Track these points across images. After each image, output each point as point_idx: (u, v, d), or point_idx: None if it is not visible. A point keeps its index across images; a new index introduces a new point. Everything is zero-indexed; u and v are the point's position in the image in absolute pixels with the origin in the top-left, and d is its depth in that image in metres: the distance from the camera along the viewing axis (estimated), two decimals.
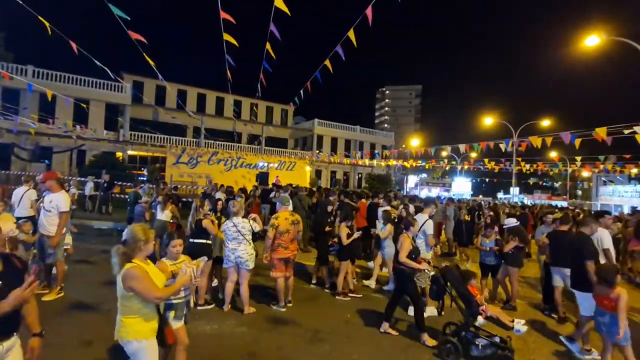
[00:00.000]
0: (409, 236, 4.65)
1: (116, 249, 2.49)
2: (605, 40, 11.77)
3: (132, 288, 2.39)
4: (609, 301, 3.54)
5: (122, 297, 2.46)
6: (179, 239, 3.37)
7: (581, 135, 9.93)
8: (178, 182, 17.53)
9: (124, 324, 2.45)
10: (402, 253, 4.50)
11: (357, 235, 5.96)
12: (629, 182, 27.53)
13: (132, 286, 2.38)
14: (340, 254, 5.84)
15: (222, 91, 30.85)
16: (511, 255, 5.82)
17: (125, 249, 2.49)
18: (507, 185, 30.40)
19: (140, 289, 2.40)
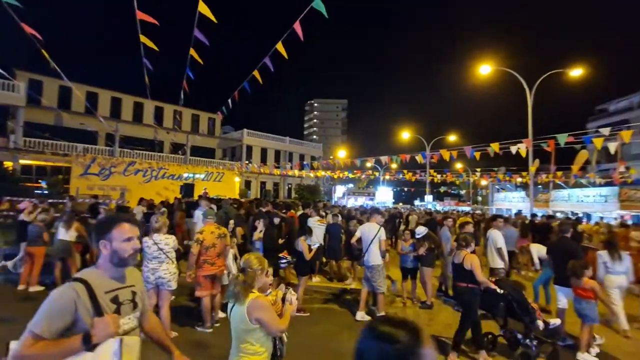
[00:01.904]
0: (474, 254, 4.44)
1: (235, 278, 2.29)
2: (494, 69, 13.92)
3: (259, 319, 2.17)
4: (583, 291, 4.38)
5: (245, 331, 2.18)
6: None
7: (479, 149, 11.53)
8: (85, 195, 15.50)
9: None
10: (479, 272, 4.24)
11: (315, 249, 5.97)
12: (515, 189, 32.67)
13: (260, 317, 2.17)
14: (300, 268, 5.75)
15: (141, 96, 28.44)
16: (425, 257, 6.42)
17: (246, 278, 2.27)
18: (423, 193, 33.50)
19: (268, 320, 2.18)
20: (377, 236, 5.61)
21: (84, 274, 1.60)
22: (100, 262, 1.66)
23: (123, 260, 1.65)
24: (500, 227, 6.84)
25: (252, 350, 2.21)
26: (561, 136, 9.63)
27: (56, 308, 1.45)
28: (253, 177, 32.79)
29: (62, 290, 1.49)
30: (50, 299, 1.47)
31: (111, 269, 1.65)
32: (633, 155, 29.53)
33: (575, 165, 17.45)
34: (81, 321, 1.46)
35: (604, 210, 17.07)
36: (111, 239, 1.64)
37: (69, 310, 1.45)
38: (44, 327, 1.41)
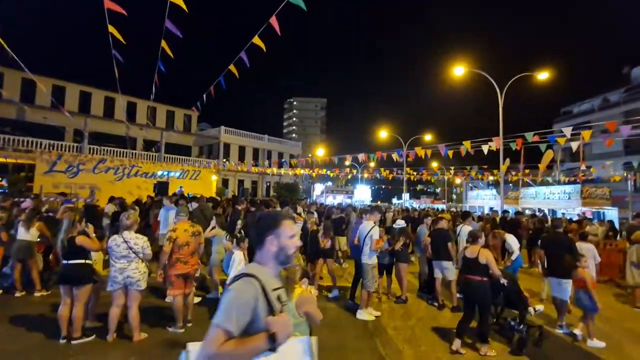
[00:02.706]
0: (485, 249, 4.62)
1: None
2: (468, 71, 14.35)
3: (307, 313, 2.18)
4: (577, 281, 4.83)
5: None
6: None
7: (452, 147, 11.87)
8: (50, 193, 14.72)
9: None
10: (495, 266, 4.46)
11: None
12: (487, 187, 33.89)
13: (309, 310, 2.18)
14: None
15: (112, 91, 27.29)
16: (400, 253, 6.53)
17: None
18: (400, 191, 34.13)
19: (314, 312, 2.20)
20: (368, 234, 5.61)
21: (254, 270, 1.51)
22: (264, 259, 1.59)
23: (288, 258, 1.61)
24: (470, 222, 7.08)
25: None
26: (528, 135, 10.08)
27: (241, 303, 1.37)
28: (231, 176, 32.27)
29: (243, 285, 1.41)
30: (233, 294, 1.39)
31: (275, 266, 1.60)
32: (594, 155, 31.31)
33: (542, 164, 18.30)
34: (259, 319, 1.39)
35: (568, 207, 17.97)
36: (279, 235, 1.58)
37: (251, 306, 1.38)
38: (234, 323, 1.32)
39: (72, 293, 4.23)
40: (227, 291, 1.40)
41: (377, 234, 5.71)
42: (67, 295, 4.25)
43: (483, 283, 4.45)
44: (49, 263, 6.64)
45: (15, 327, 4.62)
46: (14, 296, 5.78)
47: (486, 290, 4.47)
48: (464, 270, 4.67)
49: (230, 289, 1.41)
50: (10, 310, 5.15)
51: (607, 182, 22.09)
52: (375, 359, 4.26)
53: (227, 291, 1.40)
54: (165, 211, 7.63)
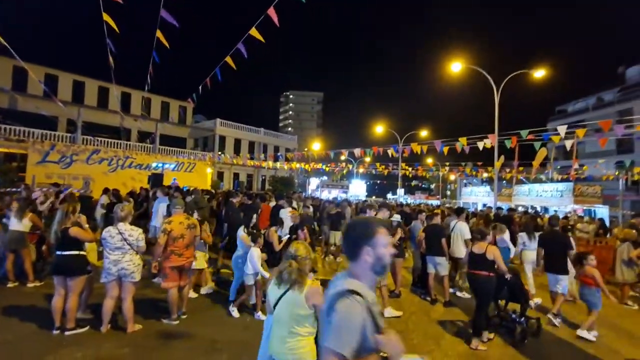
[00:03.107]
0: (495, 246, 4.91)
1: (289, 266, 2.43)
2: (465, 67, 14.36)
3: (316, 305, 2.28)
4: (585, 278, 4.96)
5: (302, 315, 2.34)
6: None
7: (448, 144, 11.92)
8: (43, 184, 14.56)
9: (305, 344, 2.34)
10: (502, 262, 4.67)
11: (285, 240, 5.89)
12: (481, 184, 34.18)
13: (318, 303, 2.26)
14: (269, 259, 5.66)
15: (106, 81, 26.89)
16: (396, 248, 6.57)
17: (300, 265, 2.38)
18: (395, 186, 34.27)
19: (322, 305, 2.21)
20: None
21: (355, 286, 1.39)
22: (359, 271, 1.46)
23: (384, 268, 1.49)
24: (463, 219, 7.14)
25: (307, 332, 2.39)
26: (523, 132, 10.16)
27: (352, 325, 1.29)
28: (226, 169, 32.13)
29: (351, 305, 1.32)
30: (343, 315, 1.30)
31: (371, 278, 1.48)
32: (587, 153, 31.63)
33: (536, 161, 18.46)
34: (367, 338, 1.32)
35: (560, 205, 18.20)
36: (375, 245, 1.46)
37: (361, 327, 1.31)
38: (348, 348, 1.26)
39: (66, 284, 4.21)
40: (334, 312, 1.31)
41: None
42: (61, 286, 4.23)
43: (490, 278, 4.61)
44: (42, 254, 6.60)
45: (8, 317, 4.59)
46: (6, 287, 5.73)
47: (492, 285, 4.64)
48: (471, 266, 4.79)
49: (337, 309, 1.32)
50: (3, 300, 5.12)
51: (599, 181, 22.35)
52: None
53: (334, 312, 1.31)
54: (158, 203, 7.59)
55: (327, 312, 1.35)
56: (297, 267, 2.46)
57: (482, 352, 4.43)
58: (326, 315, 1.35)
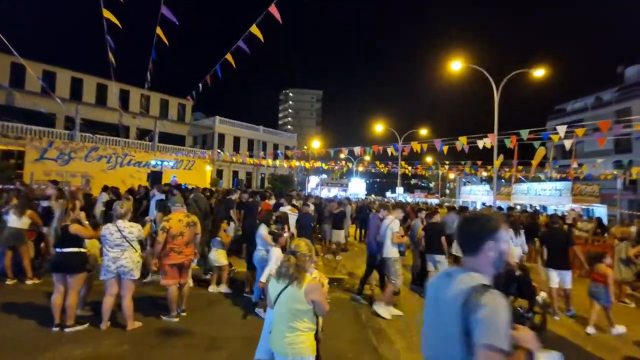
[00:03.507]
0: None
1: (287, 260, 2.35)
2: (465, 66, 14.36)
3: (314, 301, 2.38)
4: (598, 275, 5.11)
5: (300, 311, 2.39)
6: None
7: (448, 143, 11.94)
8: (41, 181, 14.52)
9: (304, 339, 2.38)
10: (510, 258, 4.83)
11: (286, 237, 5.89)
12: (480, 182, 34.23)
13: (316, 299, 2.38)
14: None
15: (104, 77, 26.78)
16: None
17: (298, 261, 2.41)
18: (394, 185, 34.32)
19: (321, 302, 2.42)
20: (388, 227, 5.60)
21: (484, 280, 1.36)
22: (481, 266, 1.43)
23: (503, 264, 1.47)
24: None
25: (306, 327, 2.44)
26: (523, 132, 10.17)
27: (504, 319, 1.27)
28: (225, 166, 32.10)
29: (499, 300, 1.29)
30: (496, 309, 1.26)
31: (491, 273, 1.44)
32: (585, 152, 31.71)
33: (535, 160, 18.50)
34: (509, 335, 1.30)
35: (558, 203, 18.24)
36: (499, 240, 1.43)
37: (508, 321, 1.29)
38: (507, 341, 1.24)
39: (65, 281, 4.20)
40: (482, 307, 1.26)
41: (397, 227, 5.70)
42: (60, 283, 4.22)
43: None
44: (41, 251, 6.57)
45: (7, 314, 4.58)
46: (4, 284, 5.72)
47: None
48: None
49: (486, 304, 1.26)
50: (1, 297, 5.11)
51: (597, 180, 22.41)
52: (367, 349, 4.32)
53: (482, 307, 1.26)
54: (154, 200, 7.57)
55: (471, 308, 1.28)
56: (295, 263, 2.48)
57: None
58: (470, 313, 1.28)
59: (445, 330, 1.36)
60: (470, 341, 1.25)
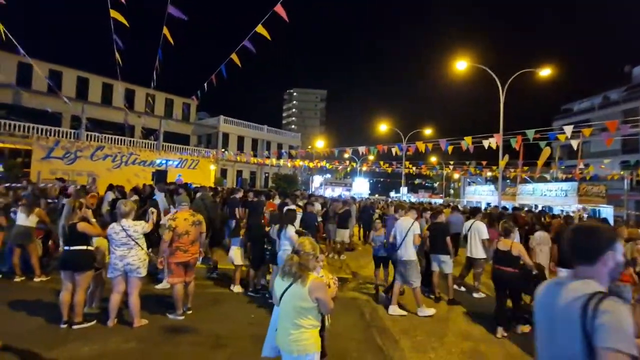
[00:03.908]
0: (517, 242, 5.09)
1: (290, 258, 2.52)
2: (470, 65, 14.28)
3: (319, 299, 2.42)
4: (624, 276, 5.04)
5: (304, 308, 2.43)
6: None
7: (452, 143, 11.88)
8: (48, 180, 14.65)
9: (308, 336, 2.43)
10: (528, 258, 4.97)
11: None
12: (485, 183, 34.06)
13: (320, 297, 2.42)
14: (274, 256, 5.66)
15: (110, 77, 26.96)
16: None
17: (301, 260, 2.47)
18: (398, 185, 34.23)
19: (325, 300, 2.46)
20: (410, 230, 5.57)
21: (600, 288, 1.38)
22: (598, 276, 1.43)
23: (619, 274, 1.48)
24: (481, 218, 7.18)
25: (310, 324, 2.47)
26: (529, 132, 10.10)
27: (629, 324, 1.26)
28: (229, 166, 32.19)
29: (620, 305, 1.29)
30: (619, 316, 1.26)
31: (606, 282, 1.44)
32: (592, 153, 31.43)
33: (540, 160, 18.36)
34: None
35: (564, 204, 18.10)
36: (617, 250, 1.43)
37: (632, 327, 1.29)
38: (635, 348, 1.24)
39: (73, 279, 4.25)
40: (605, 313, 1.27)
41: (419, 229, 5.70)
42: (68, 280, 4.27)
43: (515, 274, 4.85)
44: (48, 249, 6.65)
45: (16, 311, 4.64)
46: (13, 281, 5.79)
47: (518, 280, 4.89)
48: (496, 262, 5.03)
49: (609, 310, 1.27)
50: (9, 294, 5.17)
51: (604, 180, 22.21)
52: (372, 348, 4.32)
53: (605, 313, 1.27)
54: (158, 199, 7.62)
55: (592, 314, 1.29)
56: (299, 262, 2.51)
57: (485, 350, 4.43)
58: (591, 318, 1.29)
59: (561, 335, 1.41)
60: (591, 345, 1.28)
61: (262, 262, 5.99)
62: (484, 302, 6.47)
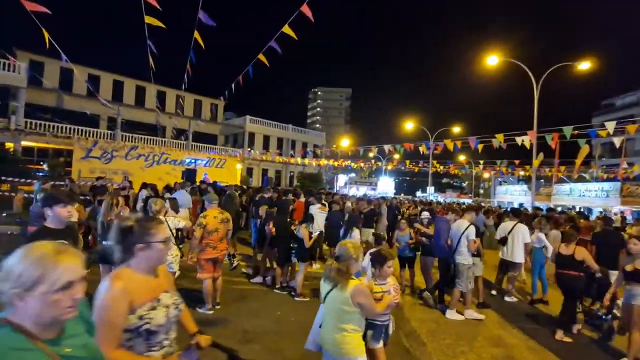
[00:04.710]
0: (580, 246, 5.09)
1: (330, 264, 2.57)
2: (502, 60, 13.72)
3: (361, 304, 2.44)
4: None
5: (346, 312, 2.46)
6: None
7: (483, 141, 11.48)
8: (87, 178, 15.57)
9: (350, 339, 2.45)
10: (592, 262, 4.95)
11: (316, 236, 6.02)
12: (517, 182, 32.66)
13: (362, 302, 2.44)
14: (301, 255, 5.78)
15: (143, 80, 28.18)
16: (427, 246, 6.43)
17: (340, 265, 2.51)
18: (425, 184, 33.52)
19: (368, 305, 2.47)
20: (464, 234, 5.46)
21: None
22: None
23: None
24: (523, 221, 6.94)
25: (352, 329, 2.48)
26: (567, 129, 9.54)
27: None
28: (255, 164, 32.76)
29: None
30: None
31: None
32: (636, 151, 29.35)
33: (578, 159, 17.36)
34: None
35: (605, 205, 17.04)
36: None
37: None
38: None
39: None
40: None
41: (474, 234, 5.53)
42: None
43: (579, 277, 4.90)
44: (88, 243, 7.05)
45: None
46: None
47: (581, 284, 4.92)
48: (560, 266, 5.08)
49: None
50: None
51: None
52: (399, 350, 4.26)
53: None
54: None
55: None
56: (337, 267, 2.52)
57: (518, 357, 4.26)
58: None
59: None
60: None
61: (288, 260, 6.07)
62: (516, 307, 6.23)
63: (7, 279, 1.03)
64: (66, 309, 1.08)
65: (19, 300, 1.02)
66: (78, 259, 1.14)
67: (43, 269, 1.04)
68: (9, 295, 1.03)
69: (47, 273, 1.04)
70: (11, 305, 1.04)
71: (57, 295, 1.04)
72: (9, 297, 1.03)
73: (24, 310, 1.04)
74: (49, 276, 1.04)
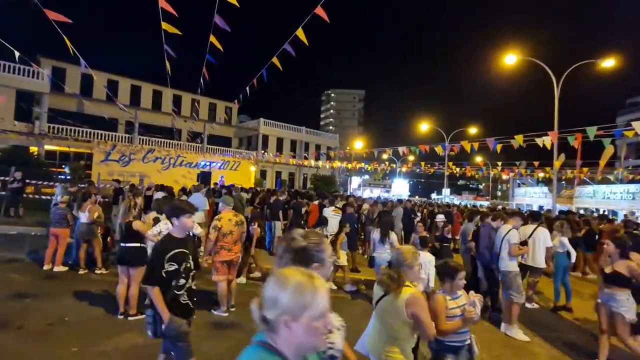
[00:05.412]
0: None
1: (383, 269, 2.43)
2: (520, 59, 13.39)
3: (415, 315, 2.20)
4: None
5: (395, 322, 2.27)
6: None
7: (502, 142, 11.19)
8: (106, 181, 15.96)
9: (390, 352, 2.26)
10: None
11: (331, 238, 6.00)
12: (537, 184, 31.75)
13: (417, 314, 2.20)
14: None
15: (159, 84, 28.82)
16: (444, 250, 6.29)
17: (391, 271, 2.33)
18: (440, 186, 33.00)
19: (423, 320, 2.22)
20: (505, 238, 5.19)
21: None
22: None
23: None
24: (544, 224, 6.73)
25: (404, 338, 2.29)
26: (591, 129, 9.17)
27: None
28: (269, 167, 32.97)
29: None
30: None
31: None
32: None
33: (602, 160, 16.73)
34: None
35: (631, 208, 16.35)
36: None
37: None
38: None
39: (128, 273, 4.55)
40: None
41: (515, 238, 5.19)
42: (124, 274, 4.58)
43: None
44: (107, 244, 7.22)
45: (79, 301, 5.07)
46: (77, 273, 6.35)
47: None
48: None
49: None
50: (75, 285, 5.67)
51: None
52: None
53: None
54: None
55: None
56: (389, 273, 2.35)
57: None
58: None
59: None
60: None
61: None
62: (537, 314, 6.01)
63: (275, 306, 1.04)
64: (322, 336, 1.08)
65: (286, 327, 1.03)
66: (326, 285, 1.12)
67: (307, 296, 1.03)
68: (277, 322, 1.04)
69: (311, 300, 1.03)
70: (274, 331, 1.06)
71: (317, 323, 1.04)
72: (276, 323, 1.04)
73: (289, 337, 1.04)
74: (312, 303, 1.03)
